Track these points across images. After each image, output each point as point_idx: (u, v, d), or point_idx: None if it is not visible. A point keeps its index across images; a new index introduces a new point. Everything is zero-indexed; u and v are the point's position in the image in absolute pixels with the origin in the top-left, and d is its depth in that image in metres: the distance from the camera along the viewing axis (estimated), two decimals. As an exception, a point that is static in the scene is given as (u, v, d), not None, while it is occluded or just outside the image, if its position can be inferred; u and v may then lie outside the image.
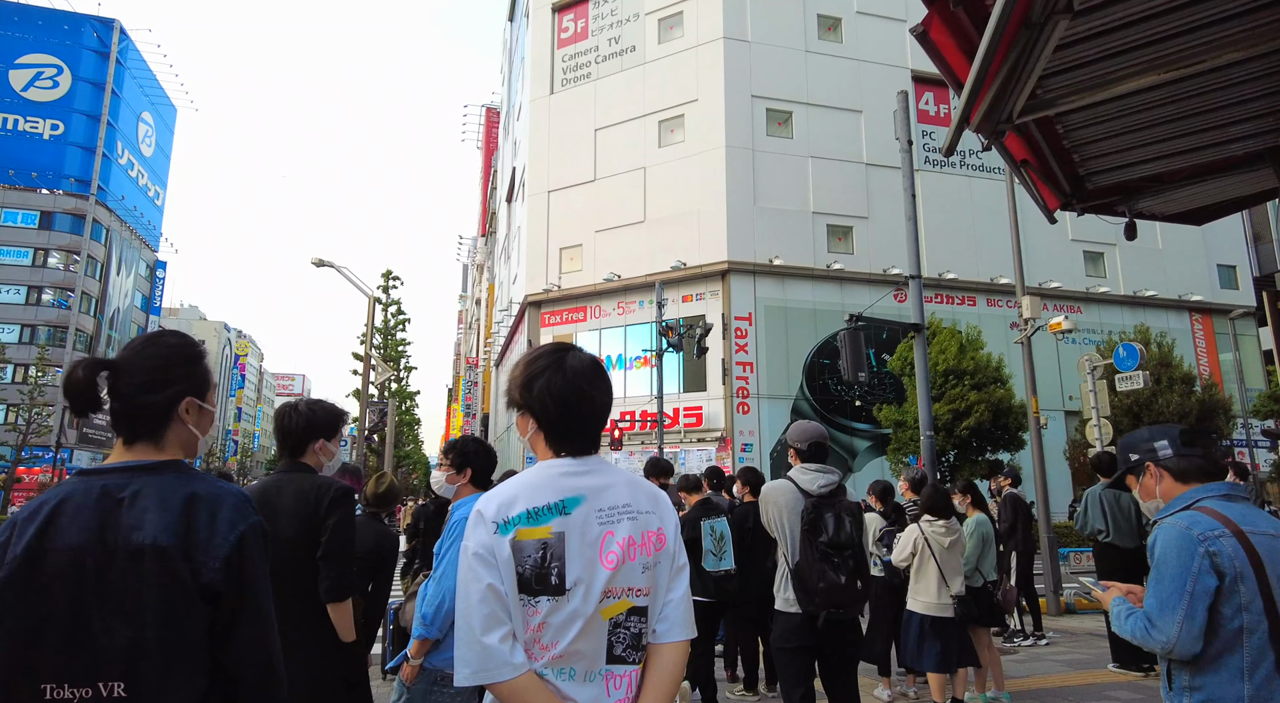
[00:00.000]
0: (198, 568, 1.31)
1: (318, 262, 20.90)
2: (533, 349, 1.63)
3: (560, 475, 1.48)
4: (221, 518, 1.36)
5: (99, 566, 1.29)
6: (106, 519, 1.31)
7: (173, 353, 1.49)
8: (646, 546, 1.48)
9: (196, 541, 1.32)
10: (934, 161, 28.71)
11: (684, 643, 1.52)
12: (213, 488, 1.40)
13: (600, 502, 1.47)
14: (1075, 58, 3.19)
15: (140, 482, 1.37)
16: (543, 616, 1.39)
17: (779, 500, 3.50)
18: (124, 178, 52.08)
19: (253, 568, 1.37)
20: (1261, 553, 1.91)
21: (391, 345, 36.42)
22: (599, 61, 30.43)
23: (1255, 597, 1.89)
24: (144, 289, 56.95)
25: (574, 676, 1.41)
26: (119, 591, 1.28)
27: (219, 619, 1.34)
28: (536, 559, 1.39)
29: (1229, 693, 1.89)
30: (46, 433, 39.48)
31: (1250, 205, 4.99)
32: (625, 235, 28.01)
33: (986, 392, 18.71)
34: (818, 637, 3.39)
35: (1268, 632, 1.88)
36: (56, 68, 48.27)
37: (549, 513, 1.42)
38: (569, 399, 1.52)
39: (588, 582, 1.41)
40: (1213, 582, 1.91)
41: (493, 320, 45.43)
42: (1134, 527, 6.40)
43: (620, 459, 25.57)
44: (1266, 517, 2.06)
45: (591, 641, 1.42)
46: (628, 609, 1.45)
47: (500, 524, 1.41)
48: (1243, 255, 33.42)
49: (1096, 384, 10.80)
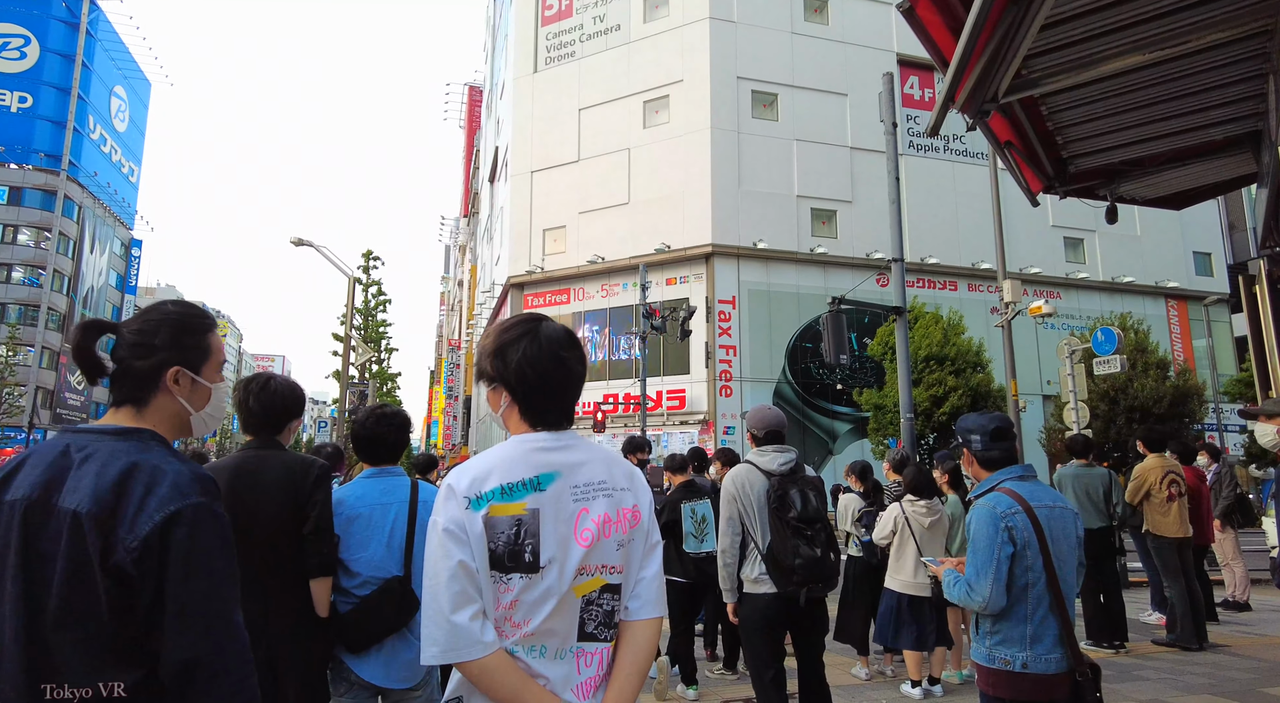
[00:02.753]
0: (111, 545, 1.19)
1: (297, 241, 20.60)
2: (503, 319, 1.58)
3: (536, 450, 1.44)
4: (156, 494, 1.23)
5: (35, 523, 1.22)
6: (55, 478, 1.25)
7: (167, 320, 1.44)
8: (621, 523, 1.46)
9: (120, 515, 1.21)
10: (918, 146, 28.77)
11: (656, 620, 1.51)
12: (158, 461, 1.28)
13: (576, 478, 1.44)
14: (1061, 38, 3.18)
15: (99, 444, 1.30)
16: (515, 593, 1.36)
17: (744, 483, 3.49)
18: (96, 153, 50.90)
19: (184, 554, 1.21)
20: (1042, 522, 2.47)
21: (372, 327, 36.08)
22: (583, 40, 30.07)
23: (1037, 558, 2.45)
24: (119, 268, 55.91)
25: (545, 653, 1.39)
26: (44, 553, 1.21)
27: (137, 606, 1.20)
28: (510, 536, 1.36)
29: (1016, 633, 2.45)
30: (19, 413, 38.84)
31: (1229, 190, 5.03)
32: (609, 217, 27.86)
33: (965, 377, 18.92)
34: (787, 616, 3.39)
35: (1045, 584, 2.44)
36: (24, 38, 46.89)
37: (523, 489, 1.39)
38: (546, 368, 1.47)
39: (562, 559, 1.38)
40: (1010, 550, 2.46)
41: (475, 302, 45.14)
42: (1100, 507, 6.49)
43: (603, 442, 25.63)
44: (1049, 491, 2.59)
45: (564, 618, 1.40)
46: (601, 586, 1.43)
47: (473, 500, 1.36)
48: (1218, 243, 33.93)
49: (1075, 368, 10.93)
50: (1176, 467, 6.75)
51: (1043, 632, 2.42)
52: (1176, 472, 6.67)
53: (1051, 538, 2.47)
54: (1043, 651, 2.41)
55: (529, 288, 29.60)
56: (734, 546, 3.47)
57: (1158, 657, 6.16)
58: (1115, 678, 5.55)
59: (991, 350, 20.53)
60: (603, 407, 23.54)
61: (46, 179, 46.59)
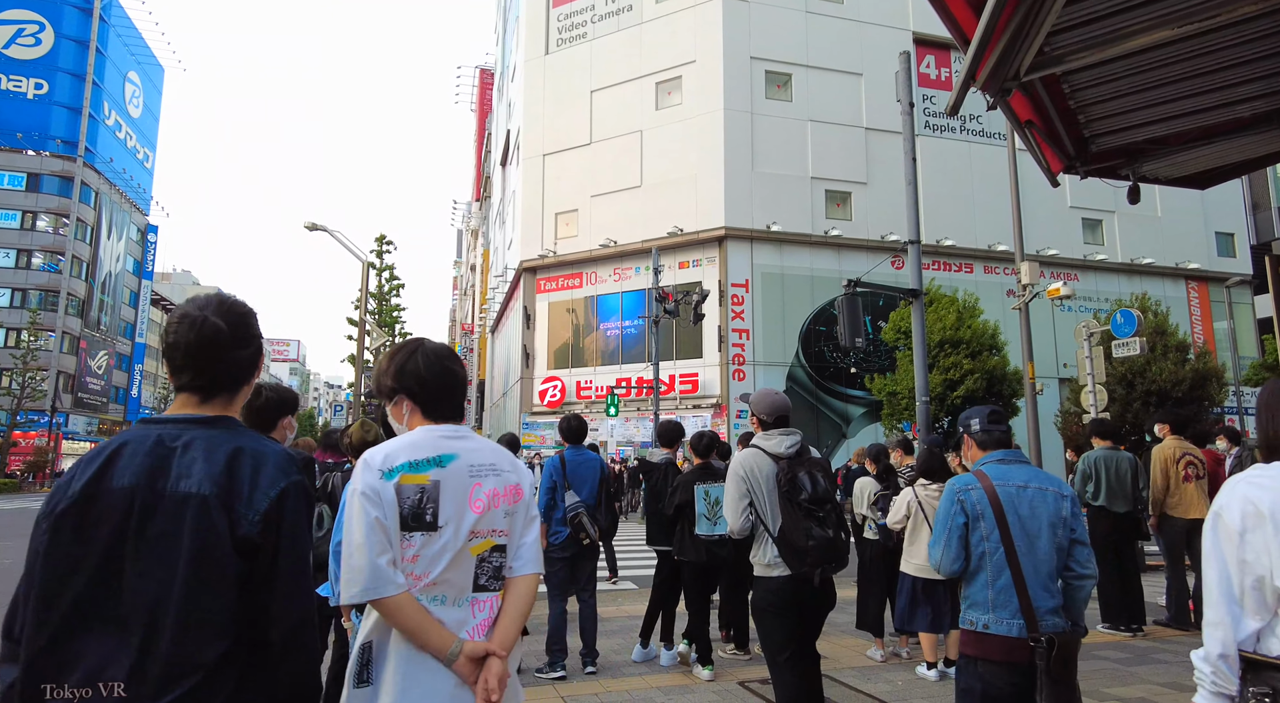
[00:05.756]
0: (236, 520, 1.33)
1: (311, 225, 20.68)
2: (390, 348, 1.90)
3: (439, 438, 1.78)
4: (265, 473, 1.38)
5: (145, 510, 1.31)
6: (158, 465, 1.35)
7: (251, 312, 1.55)
8: (507, 496, 1.81)
9: (238, 493, 1.34)
10: (934, 127, 28.37)
11: (534, 575, 1.86)
12: (258, 444, 1.44)
13: (471, 459, 1.77)
14: (1086, 13, 3.10)
15: (193, 433, 1.41)
16: (416, 549, 1.66)
17: (753, 467, 3.48)
18: (111, 139, 51.19)
19: (292, 525, 1.38)
20: (1003, 499, 2.69)
21: (386, 311, 36.28)
22: (595, 21, 29.78)
23: (993, 529, 2.67)
24: (135, 253, 56.39)
25: (444, 601, 1.69)
26: (158, 536, 1.30)
27: (254, 575, 1.34)
28: (415, 501, 1.67)
29: (980, 597, 2.70)
30: (41, 397, 39.43)
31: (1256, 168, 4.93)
32: (621, 200, 27.74)
33: (981, 360, 18.75)
34: (799, 597, 3.41)
35: (1004, 554, 2.65)
36: (38, 24, 47.06)
37: (428, 464, 1.71)
38: (434, 373, 1.85)
39: (457, 522, 1.70)
40: (961, 519, 2.73)
41: (488, 286, 45.21)
42: (1128, 491, 6.46)
43: (616, 425, 25.71)
44: (1033, 473, 2.78)
45: (460, 572, 1.71)
46: (491, 547, 1.77)
47: (385, 472, 1.67)
48: (1241, 223, 33.29)
49: (1093, 351, 10.81)
50: (1192, 448, 6.69)
51: (1004, 599, 2.63)
52: (1193, 453, 6.61)
53: (1014, 513, 2.67)
54: (1005, 615, 2.62)
55: (541, 272, 29.59)
56: (744, 529, 3.48)
57: (1175, 640, 6.14)
58: (1133, 661, 5.53)
59: (1007, 333, 20.33)
60: (615, 390, 23.60)
61: (63, 165, 46.95)
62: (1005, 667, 2.59)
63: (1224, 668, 1.61)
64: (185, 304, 1.51)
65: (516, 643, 1.81)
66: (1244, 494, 1.64)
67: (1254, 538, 1.59)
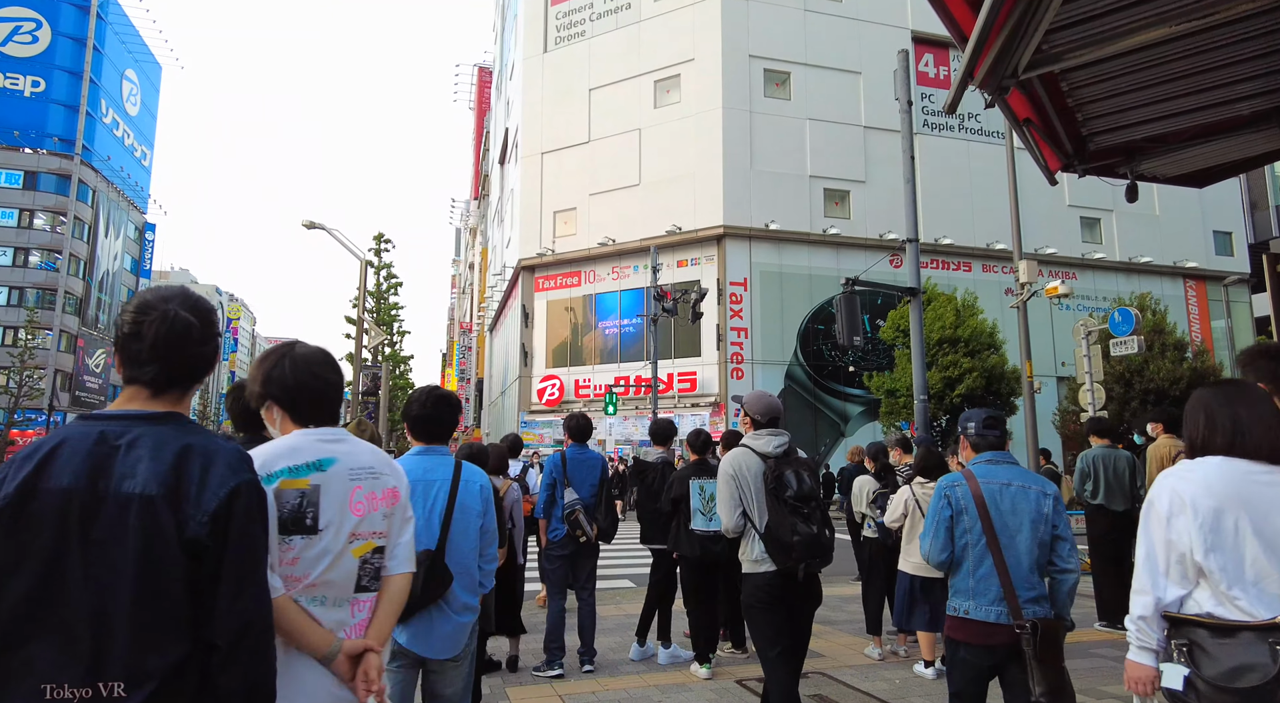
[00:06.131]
0: (184, 520, 1.28)
1: (309, 224, 20.65)
2: (262, 352, 1.88)
3: (318, 442, 1.79)
4: (214, 472, 1.34)
5: (86, 512, 1.26)
6: (100, 465, 1.29)
7: (214, 309, 1.52)
8: (385, 499, 1.85)
9: (185, 493, 1.30)
10: (932, 125, 28.38)
11: (408, 574, 1.92)
12: (209, 441, 1.39)
13: (350, 463, 1.80)
14: (1084, 10, 3.10)
15: (139, 430, 1.35)
16: (296, 551, 1.67)
17: (741, 465, 3.57)
18: (109, 137, 51.05)
19: (242, 526, 1.33)
20: (985, 495, 2.93)
21: (384, 309, 36.25)
22: (593, 19, 29.75)
23: (975, 522, 2.92)
24: (133, 252, 56.27)
25: (324, 602, 1.71)
26: (103, 539, 1.26)
27: (202, 576, 1.30)
28: (294, 505, 1.68)
29: (963, 585, 2.95)
30: (38, 396, 39.37)
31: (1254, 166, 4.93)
32: (620, 199, 27.72)
33: (980, 359, 18.77)
34: (787, 592, 3.49)
35: (985, 546, 2.89)
36: (35, 22, 46.90)
37: (307, 469, 1.73)
38: (302, 380, 1.83)
39: (338, 525, 1.73)
40: (947, 512, 2.98)
41: (486, 285, 45.19)
42: (1126, 490, 6.46)
43: (615, 424, 25.71)
44: (1017, 473, 3.00)
45: (342, 573, 1.74)
46: (372, 549, 1.81)
47: (265, 477, 1.61)
48: (1239, 222, 33.30)
49: (1091, 349, 10.82)
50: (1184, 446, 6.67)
51: (985, 587, 2.87)
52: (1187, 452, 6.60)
53: (996, 509, 2.91)
54: (984, 602, 2.85)
55: (540, 270, 29.57)
56: (738, 526, 3.57)
57: (1172, 638, 6.14)
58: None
59: (1005, 332, 20.35)
60: (614, 389, 23.59)
61: (61, 163, 46.82)
62: (984, 649, 2.85)
63: (1145, 627, 2.03)
64: (146, 296, 1.45)
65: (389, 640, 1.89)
66: (1171, 486, 1.99)
67: (1178, 522, 1.93)
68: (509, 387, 32.55)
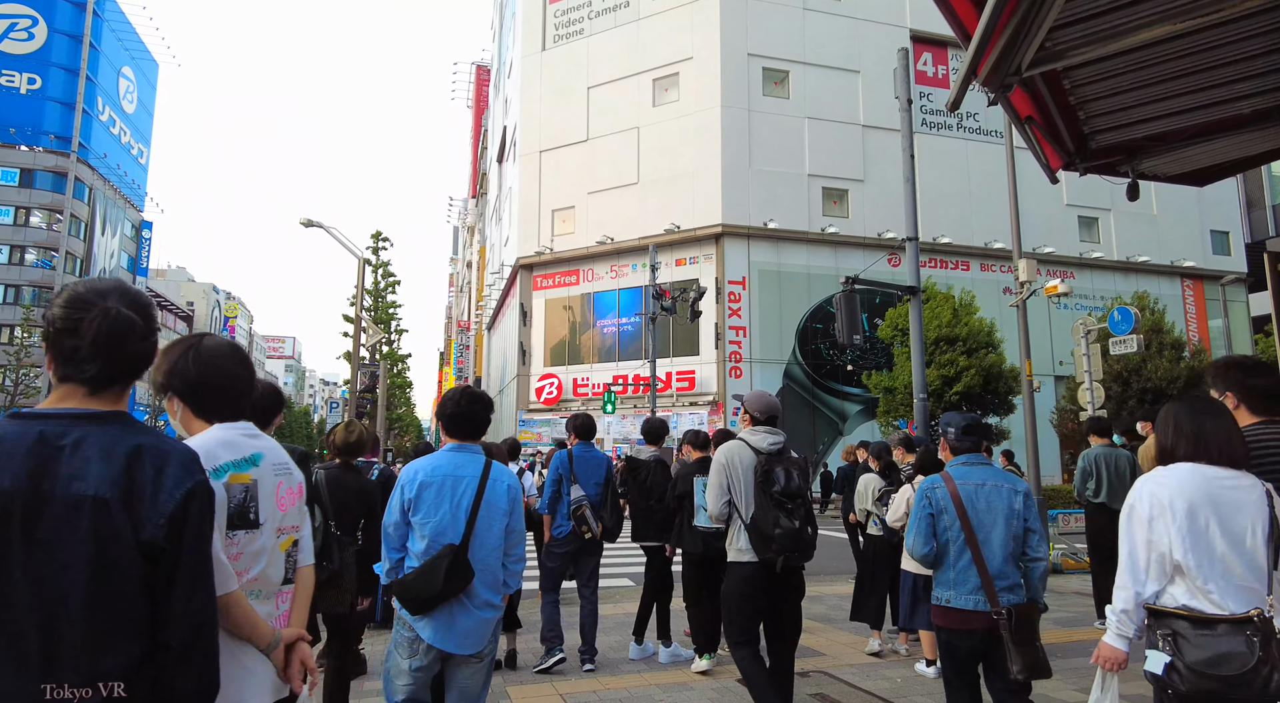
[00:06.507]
0: (140, 523, 1.26)
1: (306, 222, 20.60)
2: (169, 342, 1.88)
3: (243, 436, 1.80)
4: (169, 473, 1.31)
5: (29, 513, 1.22)
6: (42, 465, 1.25)
7: (152, 303, 1.48)
8: (299, 494, 1.94)
9: (140, 495, 1.28)
10: (931, 124, 28.39)
11: (312, 565, 2.01)
12: (159, 442, 1.35)
13: (272, 458, 1.84)
14: (1088, 8, 3.09)
15: (82, 429, 1.30)
16: (240, 547, 1.70)
17: (734, 456, 3.72)
18: (105, 135, 50.89)
19: (196, 527, 1.32)
20: (962, 494, 3.19)
21: (382, 308, 36.18)
22: (592, 17, 29.72)
23: (955, 521, 3.17)
24: (130, 250, 56.11)
25: (258, 596, 1.76)
26: (49, 539, 1.22)
27: (156, 579, 1.28)
28: (240, 500, 1.71)
29: (945, 577, 3.19)
30: (35, 394, 39.26)
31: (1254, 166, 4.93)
32: (618, 197, 27.70)
33: (977, 357, 18.78)
34: (768, 583, 3.60)
35: (964, 541, 3.15)
36: (31, 19, 46.72)
37: (246, 463, 1.76)
38: (206, 374, 1.80)
39: (271, 520, 1.78)
40: (928, 511, 3.23)
41: (484, 283, 45.15)
42: (1127, 487, 6.45)
43: (613, 422, 25.70)
44: (992, 473, 3.28)
45: (275, 568, 1.81)
46: (292, 542, 1.90)
47: (212, 471, 1.62)
48: (1236, 221, 33.38)
49: (1090, 348, 10.83)
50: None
51: (964, 578, 3.13)
52: None
53: (972, 507, 3.17)
54: (963, 592, 3.12)
55: (538, 269, 29.55)
56: (722, 514, 3.73)
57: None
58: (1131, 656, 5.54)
59: (1004, 331, 20.37)
60: (612, 388, 23.59)
61: (57, 161, 46.66)
62: (965, 634, 3.12)
63: (1125, 619, 2.24)
64: (79, 289, 1.39)
65: None
66: (1150, 491, 2.21)
67: (1158, 524, 2.15)
68: (507, 385, 32.53)
